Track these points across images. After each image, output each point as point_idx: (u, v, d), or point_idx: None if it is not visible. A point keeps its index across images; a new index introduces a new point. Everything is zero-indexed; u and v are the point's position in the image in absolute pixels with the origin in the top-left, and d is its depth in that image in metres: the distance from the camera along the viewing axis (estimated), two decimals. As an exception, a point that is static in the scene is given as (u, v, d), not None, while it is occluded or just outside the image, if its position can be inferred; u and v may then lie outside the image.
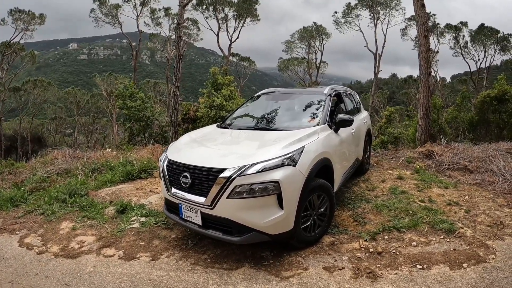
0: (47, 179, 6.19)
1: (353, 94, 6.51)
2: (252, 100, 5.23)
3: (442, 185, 5.45)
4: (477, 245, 3.48)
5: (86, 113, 35.86)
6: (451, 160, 6.83)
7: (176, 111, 10.88)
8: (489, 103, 13.72)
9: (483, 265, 3.11)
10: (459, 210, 4.42)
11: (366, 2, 26.07)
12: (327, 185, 3.53)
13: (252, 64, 35.53)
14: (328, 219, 3.65)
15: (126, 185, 5.88)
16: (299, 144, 3.20)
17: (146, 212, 4.43)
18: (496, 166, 6.11)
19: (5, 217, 4.61)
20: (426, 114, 9.72)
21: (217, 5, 25.24)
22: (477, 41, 29.54)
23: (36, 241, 3.84)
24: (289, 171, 2.95)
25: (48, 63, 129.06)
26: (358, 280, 2.89)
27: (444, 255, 3.30)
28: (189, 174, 3.14)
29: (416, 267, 3.09)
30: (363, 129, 6.00)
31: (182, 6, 10.54)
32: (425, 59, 9.63)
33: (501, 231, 3.80)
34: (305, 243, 3.39)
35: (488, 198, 4.89)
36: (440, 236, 3.68)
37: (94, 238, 3.81)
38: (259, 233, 2.90)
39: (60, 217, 4.46)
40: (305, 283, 2.82)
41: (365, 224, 4.01)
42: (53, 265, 3.28)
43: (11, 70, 25.87)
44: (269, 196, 2.86)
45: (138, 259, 3.30)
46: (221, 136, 4.00)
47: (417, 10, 9.69)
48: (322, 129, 3.78)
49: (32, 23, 23.15)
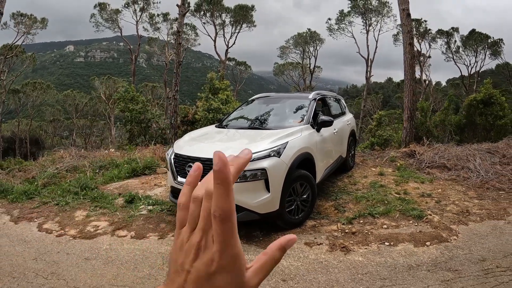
0: (57, 175, 6.71)
1: (339, 99, 7.14)
2: (247, 104, 5.87)
3: (419, 180, 5.95)
4: (441, 228, 3.94)
5: (84, 116, 36.09)
6: (431, 159, 7.26)
7: (176, 114, 11.43)
8: (476, 106, 14.07)
9: (445, 244, 3.57)
10: (431, 201, 4.91)
11: (359, 9, 26.81)
12: (309, 176, 4.15)
13: (248, 68, 36.13)
14: (310, 205, 4.24)
15: (132, 180, 6.44)
16: (283, 140, 3.84)
17: (152, 201, 5.00)
18: (472, 164, 6.52)
19: (21, 208, 5.13)
20: (410, 117, 10.23)
21: (214, 11, 25.91)
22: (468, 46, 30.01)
23: (54, 226, 4.36)
24: (274, 161, 3.59)
25: (44, 65, 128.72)
26: (333, 253, 3.42)
27: (411, 235, 3.77)
28: (192, 164, 3.71)
29: (384, 244, 3.58)
30: (347, 130, 6.58)
31: (182, 15, 11.13)
32: (409, 65, 10.11)
33: (466, 218, 4.27)
34: (290, 224, 3.98)
35: (460, 191, 5.38)
36: (410, 221, 4.18)
37: (107, 223, 4.36)
38: (250, 212, 3.52)
39: (74, 207, 5.00)
40: (288, 254, 3.35)
41: (345, 211, 4.55)
42: (72, 244, 3.81)
43: (10, 72, 26.23)
44: (258, 180, 3.51)
45: (148, 238, 3.87)
46: (218, 135, 4.65)
47: (402, 19, 10.21)
48: (305, 128, 4.41)
49: (33, 27, 23.66)
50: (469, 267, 3.10)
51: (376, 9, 26.25)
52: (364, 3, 26.31)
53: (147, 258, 3.38)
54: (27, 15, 23.45)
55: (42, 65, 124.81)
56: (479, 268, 3.07)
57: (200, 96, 12.97)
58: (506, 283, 2.80)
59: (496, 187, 5.52)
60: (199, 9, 25.72)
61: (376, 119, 19.50)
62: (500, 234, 3.79)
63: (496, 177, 5.93)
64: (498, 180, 5.82)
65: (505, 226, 3.99)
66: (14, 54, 23.49)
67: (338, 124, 5.87)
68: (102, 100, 32.25)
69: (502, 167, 6.46)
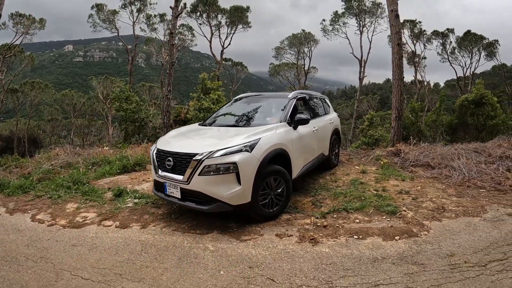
0: (52, 171, 7.03)
1: (323, 98, 7.39)
2: (230, 103, 6.19)
3: (399, 178, 6.05)
4: (414, 223, 4.02)
5: (82, 115, 36.33)
6: (416, 158, 7.34)
7: (168, 113, 11.76)
8: (467, 107, 14.24)
9: (414, 238, 3.64)
10: (408, 198, 5.00)
11: (353, 10, 27.11)
12: (283, 171, 4.39)
13: (244, 68, 36.39)
14: (285, 199, 4.45)
15: (122, 176, 6.75)
16: (256, 136, 4.12)
17: (139, 195, 5.32)
18: (456, 163, 6.55)
19: (17, 201, 5.46)
20: (398, 117, 10.31)
21: (210, 12, 26.23)
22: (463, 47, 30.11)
23: (46, 217, 4.68)
24: (246, 155, 3.86)
25: (43, 64, 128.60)
26: (301, 244, 3.61)
27: (381, 230, 3.87)
28: (172, 158, 4.11)
29: (353, 237, 3.72)
30: (329, 128, 6.79)
31: (175, 16, 11.44)
32: (397, 65, 10.20)
33: (440, 214, 4.32)
34: (264, 217, 4.21)
35: (439, 189, 5.45)
36: (383, 216, 4.29)
37: (95, 214, 4.68)
38: (223, 203, 3.81)
39: (66, 200, 5.33)
40: (258, 244, 3.63)
41: (321, 207, 4.73)
42: (62, 233, 4.13)
43: (9, 72, 26.50)
44: (230, 174, 3.79)
45: (131, 227, 4.19)
46: (200, 132, 4.95)
47: (391, 20, 10.39)
48: (281, 125, 4.67)
49: (32, 27, 23.97)
50: (436, 261, 3.16)
51: (370, 10, 26.51)
52: (358, 4, 26.62)
53: (128, 245, 3.69)
54: (25, 15, 23.78)
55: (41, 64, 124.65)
56: (446, 263, 3.12)
57: (192, 96, 13.32)
58: (472, 278, 2.84)
59: (477, 185, 5.57)
60: (195, 10, 26.05)
61: (367, 119, 19.85)
62: (473, 230, 3.84)
63: (479, 176, 5.95)
64: (480, 178, 5.85)
65: (480, 223, 4.03)
66: (12, 54, 23.79)
67: (319, 123, 6.11)
68: (100, 100, 32.51)
69: (487, 166, 6.44)
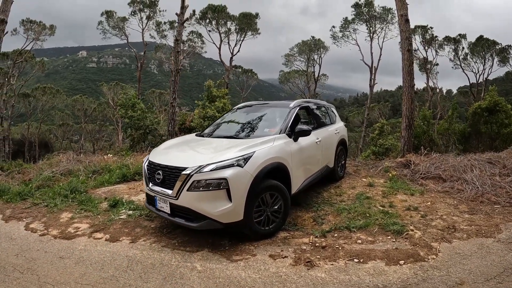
0: (52, 178, 6.99)
1: (327, 107, 7.15)
2: (230, 113, 6.02)
3: (408, 192, 5.74)
4: (421, 245, 3.68)
5: (93, 121, 36.80)
6: (426, 169, 7.00)
7: (173, 121, 11.71)
8: (480, 114, 13.77)
9: (421, 263, 3.31)
10: (416, 215, 4.65)
11: (363, 16, 26.86)
12: (280, 186, 4.12)
13: (254, 76, 36.34)
14: (282, 216, 4.18)
15: (121, 185, 6.67)
16: (250, 150, 3.87)
17: (134, 206, 5.19)
18: (469, 175, 6.21)
19: (14, 208, 5.43)
20: (409, 125, 10.00)
21: (219, 19, 26.35)
22: (476, 53, 29.36)
23: (40, 226, 4.62)
24: (237, 171, 3.62)
25: (57, 70, 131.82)
26: (296, 267, 3.32)
27: (385, 252, 3.55)
28: (161, 171, 3.95)
29: (353, 260, 3.40)
30: (335, 139, 6.50)
31: (181, 23, 11.45)
32: (408, 72, 9.93)
33: (451, 235, 3.97)
34: (259, 235, 3.96)
35: (451, 205, 5.10)
36: (388, 236, 3.96)
37: (88, 225, 4.57)
38: (212, 220, 3.59)
39: (61, 209, 5.26)
40: (249, 265, 3.37)
41: (323, 224, 4.44)
42: (52, 244, 4.04)
43: (21, 77, 27.09)
44: (220, 190, 3.56)
45: (121, 241, 4.05)
46: (194, 143, 4.76)
47: (401, 25, 10.08)
48: (279, 137, 4.42)
49: (42, 34, 24.55)
50: (443, 291, 2.79)
51: (380, 16, 26.21)
52: (368, 10, 26.37)
53: (115, 260, 3.54)
54: (36, 21, 24.37)
55: (55, 69, 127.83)
56: (455, 293, 2.76)
57: (197, 103, 13.26)
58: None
59: (491, 201, 5.20)
60: (204, 17, 26.23)
61: (378, 128, 19.48)
62: (486, 254, 3.50)
63: (493, 190, 5.57)
64: (494, 192, 5.47)
65: (493, 245, 3.69)
66: (23, 59, 24.32)
67: (323, 133, 5.86)
68: (110, 106, 32.90)
69: (501, 179, 6.06)
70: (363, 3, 26.43)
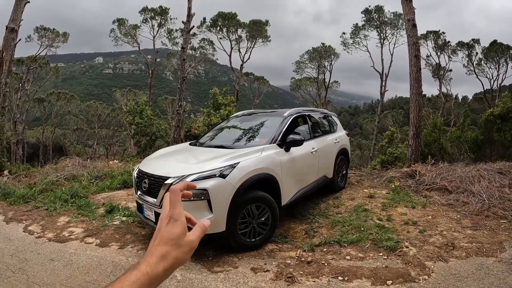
0: (56, 182, 7.20)
1: (328, 116, 7.08)
2: (226, 121, 6.07)
3: (410, 205, 5.54)
4: (414, 264, 3.47)
5: (106, 126, 37.51)
6: (432, 180, 6.78)
7: (179, 128, 11.88)
8: (493, 122, 13.37)
9: (410, 284, 3.10)
10: (414, 230, 4.45)
11: (373, 22, 26.67)
12: (268, 198, 4.05)
13: (265, 82, 36.42)
14: (270, 228, 4.11)
15: (121, 191, 6.81)
16: (234, 160, 3.85)
17: (128, 213, 5.31)
18: (476, 187, 5.96)
19: (16, 210, 5.66)
20: (416, 134, 9.77)
21: (230, 26, 26.65)
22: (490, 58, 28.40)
23: (37, 229, 4.79)
24: (218, 182, 3.61)
25: (74, 75, 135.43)
26: (275, 282, 3.22)
27: (373, 271, 3.37)
28: (147, 180, 4.02)
29: (337, 278, 3.25)
30: (334, 148, 6.37)
31: (187, 32, 11.66)
32: (415, 78, 9.72)
33: (448, 253, 3.74)
34: (244, 247, 3.91)
35: (453, 219, 4.87)
36: (380, 253, 3.78)
37: (82, 230, 4.71)
38: None
39: (60, 213, 5.44)
40: (229, 278, 3.34)
41: (314, 237, 4.33)
42: (45, 246, 4.19)
43: (36, 82, 27.98)
44: (201, 200, 3.55)
45: (110, 246, 4.15)
46: (184, 152, 4.81)
47: (408, 30, 9.92)
48: (268, 148, 4.39)
49: (56, 41, 25.34)
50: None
51: (391, 21, 25.98)
52: (378, 16, 26.21)
53: (101, 265, 3.64)
54: (49, 29, 25.20)
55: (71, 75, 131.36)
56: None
57: (203, 111, 13.39)
58: None
59: (497, 215, 4.91)
60: (215, 24, 26.59)
61: (387, 136, 19.22)
62: (485, 275, 3.23)
63: (501, 203, 5.27)
64: (502, 206, 5.16)
65: (494, 266, 3.41)
66: (37, 65, 25.19)
67: (320, 143, 5.77)
68: (123, 112, 33.50)
69: (511, 191, 5.78)
70: (373, 9, 26.28)
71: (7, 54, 9.44)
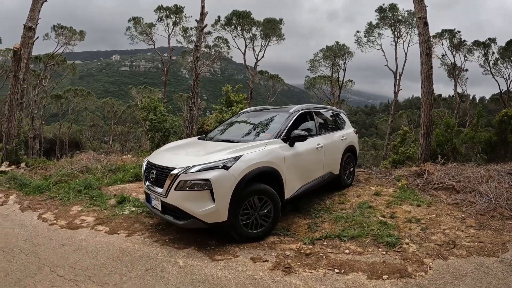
0: (71, 174, 7.48)
1: (336, 113, 7.08)
2: (235, 117, 6.22)
3: (415, 203, 5.51)
4: (412, 261, 3.48)
5: (122, 123, 38.24)
6: (440, 180, 6.74)
7: (191, 124, 12.09)
8: (507, 122, 12.96)
9: (406, 280, 3.11)
10: (416, 227, 4.44)
11: (388, 20, 26.31)
12: (270, 190, 4.15)
13: (280, 81, 36.37)
14: (272, 220, 4.21)
15: (132, 184, 7.02)
16: (237, 153, 3.99)
17: (138, 204, 5.50)
18: (484, 187, 5.89)
19: (32, 199, 5.94)
20: (427, 133, 9.70)
21: (244, 25, 26.79)
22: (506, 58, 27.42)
23: (51, 217, 5.04)
24: (221, 173, 3.75)
25: (91, 73, 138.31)
26: (273, 271, 3.32)
27: (370, 265, 3.40)
28: (155, 171, 4.22)
29: (334, 270, 3.30)
30: (341, 145, 6.41)
31: (200, 30, 11.84)
32: (426, 77, 9.64)
33: (448, 251, 3.72)
34: (246, 238, 4.02)
35: (457, 218, 4.83)
36: (379, 248, 3.81)
37: (93, 218, 4.92)
38: (197, 220, 3.75)
39: (73, 202, 5.69)
40: (228, 266, 3.46)
41: (316, 231, 4.39)
42: (58, 232, 4.43)
43: (54, 79, 28.84)
44: (204, 190, 3.70)
45: (118, 234, 4.34)
46: (192, 146, 4.97)
47: (419, 28, 9.84)
48: (272, 142, 4.49)
49: (73, 39, 26.16)
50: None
51: (406, 20, 25.54)
52: (392, 14, 25.85)
53: (109, 250, 3.82)
54: (66, 27, 26.03)
55: (88, 72, 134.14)
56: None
57: (215, 108, 13.58)
58: None
59: (504, 215, 4.85)
60: (229, 23, 26.79)
61: (400, 135, 19.05)
62: (484, 275, 3.20)
63: (508, 204, 5.19)
64: (509, 207, 5.09)
65: (494, 266, 3.37)
66: (55, 62, 25.97)
67: (327, 139, 5.83)
68: (139, 109, 34.07)
69: None
70: (387, 7, 25.94)
71: (25, 51, 9.82)
